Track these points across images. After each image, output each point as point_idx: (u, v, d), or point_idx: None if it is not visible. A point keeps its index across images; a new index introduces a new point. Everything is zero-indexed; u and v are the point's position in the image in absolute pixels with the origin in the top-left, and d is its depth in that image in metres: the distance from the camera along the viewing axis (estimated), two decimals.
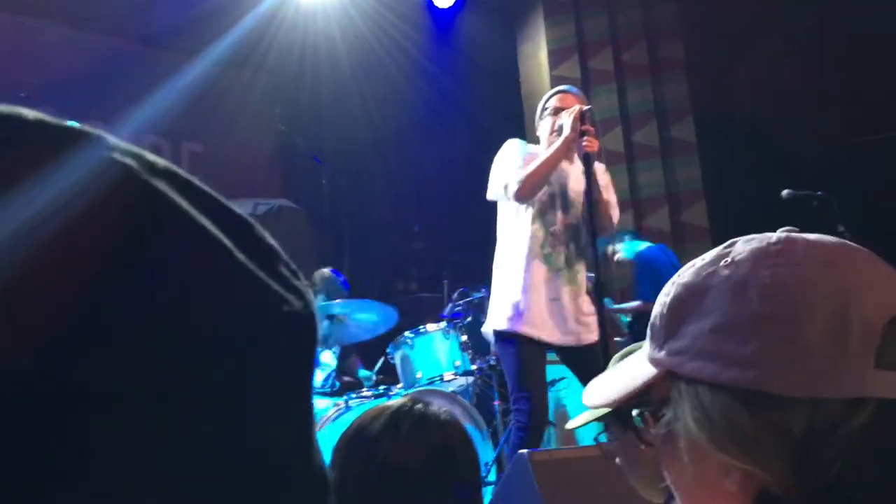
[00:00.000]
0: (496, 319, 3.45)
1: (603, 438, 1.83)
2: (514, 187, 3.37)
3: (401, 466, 1.40)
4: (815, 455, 0.63)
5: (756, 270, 0.68)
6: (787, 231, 0.74)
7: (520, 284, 3.41)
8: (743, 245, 0.72)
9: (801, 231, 0.74)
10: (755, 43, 6.11)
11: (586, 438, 3.86)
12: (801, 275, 0.67)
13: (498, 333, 3.45)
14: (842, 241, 0.72)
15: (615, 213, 3.50)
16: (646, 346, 0.77)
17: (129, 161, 0.35)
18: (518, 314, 3.37)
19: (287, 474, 0.36)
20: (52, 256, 0.30)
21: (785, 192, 5.07)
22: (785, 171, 5.24)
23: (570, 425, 2.11)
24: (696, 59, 6.32)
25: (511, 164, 3.46)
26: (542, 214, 3.47)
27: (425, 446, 1.43)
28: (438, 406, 1.57)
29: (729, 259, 0.71)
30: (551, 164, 3.38)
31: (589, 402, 0.84)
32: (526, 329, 3.35)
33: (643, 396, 0.76)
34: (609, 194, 3.49)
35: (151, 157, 0.37)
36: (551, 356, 3.54)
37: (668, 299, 0.73)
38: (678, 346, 0.70)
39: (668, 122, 6.29)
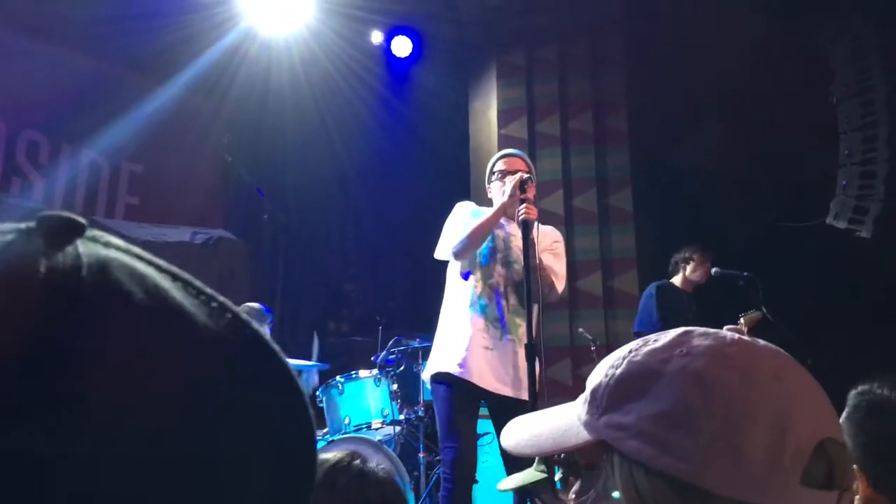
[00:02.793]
0: (434, 364, 3.52)
1: None
2: (455, 250, 3.52)
3: None
4: None
5: (710, 368, 0.70)
6: (738, 332, 0.77)
7: (458, 333, 3.49)
8: (699, 339, 0.74)
9: (741, 321, 0.79)
10: (696, 121, 6.34)
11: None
12: (753, 382, 0.69)
13: (434, 376, 3.50)
14: (788, 356, 0.74)
15: (559, 283, 3.57)
16: (578, 407, 0.78)
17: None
18: (454, 360, 3.44)
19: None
20: None
21: (714, 270, 5.26)
22: (717, 247, 5.41)
23: (501, 486, 2.12)
24: (639, 132, 6.50)
25: (457, 224, 3.61)
26: (483, 268, 3.58)
27: (360, 501, 1.42)
28: (376, 462, 1.56)
29: (684, 350, 0.72)
30: (485, 229, 3.54)
31: (510, 444, 0.84)
32: (462, 373, 3.40)
33: (569, 456, 0.78)
34: (557, 263, 3.59)
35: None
36: (483, 411, 3.56)
37: (616, 372, 0.74)
38: (621, 421, 0.72)
39: (608, 190, 6.43)
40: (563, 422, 0.78)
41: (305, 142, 6.91)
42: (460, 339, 3.46)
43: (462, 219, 3.62)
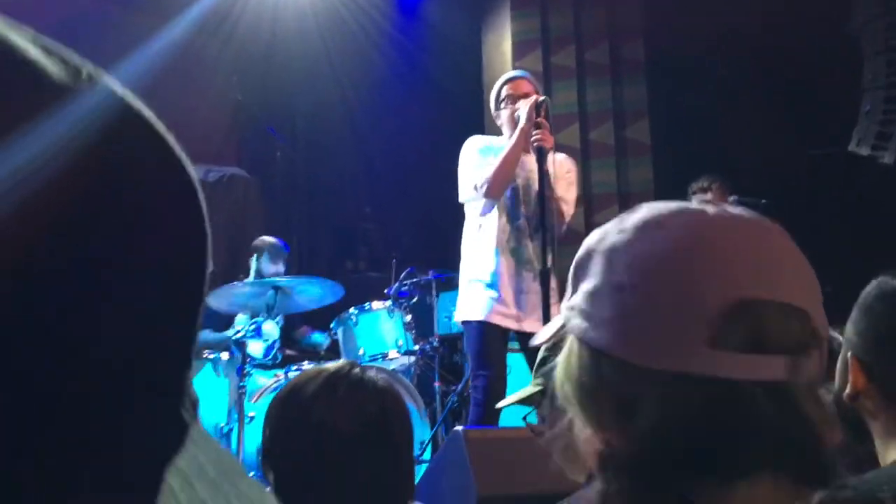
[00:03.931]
0: (465, 311, 3.51)
1: (532, 419, 1.85)
2: (483, 187, 3.40)
3: (334, 429, 1.38)
4: (638, 419, 0.67)
5: (633, 241, 0.71)
6: (702, 201, 0.77)
7: (487, 279, 3.46)
8: (640, 212, 0.75)
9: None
10: (715, 51, 6.19)
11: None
12: (672, 249, 0.70)
13: (466, 323, 3.51)
14: (737, 216, 0.73)
15: (567, 210, 3.51)
16: None
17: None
18: (485, 306, 3.44)
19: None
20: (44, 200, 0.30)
21: (731, 198, 5.17)
22: (735, 177, 5.33)
23: (499, 405, 2.14)
24: (657, 63, 6.37)
25: (474, 163, 3.51)
26: (507, 209, 3.51)
27: (360, 411, 1.42)
28: (376, 372, 1.56)
29: (622, 225, 0.74)
30: (513, 159, 3.41)
31: (534, 341, 0.89)
32: (494, 318, 3.42)
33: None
34: (569, 192, 3.53)
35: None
36: (513, 345, 3.62)
37: (575, 257, 0.78)
38: (570, 302, 0.75)
39: (625, 123, 6.33)
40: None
41: (314, 82, 6.84)
42: (490, 286, 3.45)
43: (475, 157, 3.53)
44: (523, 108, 3.40)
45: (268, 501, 0.37)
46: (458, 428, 2.58)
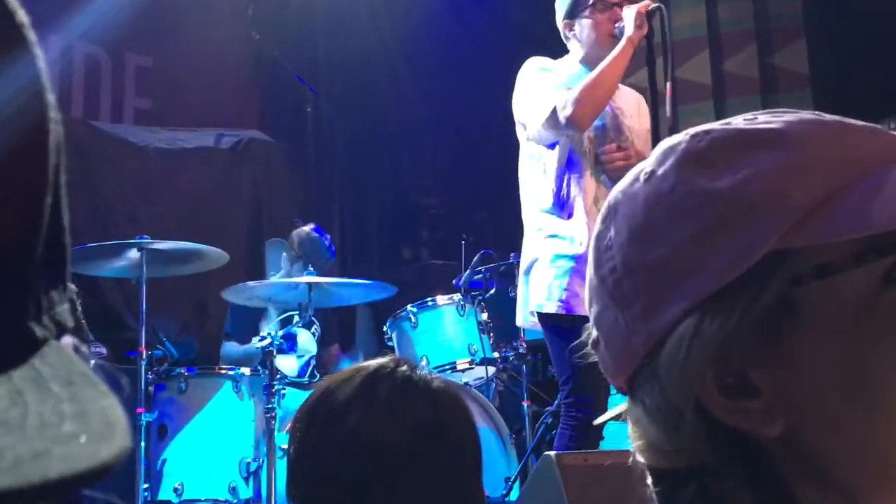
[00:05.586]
0: (539, 298, 3.42)
1: None
2: (567, 110, 3.27)
3: (375, 441, 1.40)
4: None
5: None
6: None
7: (569, 251, 3.39)
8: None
9: None
10: None
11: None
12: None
13: (544, 317, 3.43)
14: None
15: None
16: None
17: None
18: (570, 290, 3.35)
19: None
20: None
21: None
22: None
23: (598, 420, 2.15)
24: None
25: (547, 83, 3.43)
26: (593, 157, 3.45)
27: (409, 418, 1.43)
28: (430, 371, 1.64)
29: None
30: (615, 75, 3.33)
31: None
32: (577, 307, 3.30)
33: None
34: (646, 145, 3.48)
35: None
36: None
37: None
38: None
39: (773, 46, 6.30)
40: None
41: (357, 6, 6.87)
42: (575, 259, 3.35)
43: (544, 77, 3.45)
44: (628, 14, 3.32)
45: (111, 404, 0.42)
46: (550, 453, 2.61)
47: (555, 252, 3.43)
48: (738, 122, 0.77)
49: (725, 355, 0.70)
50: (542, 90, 3.42)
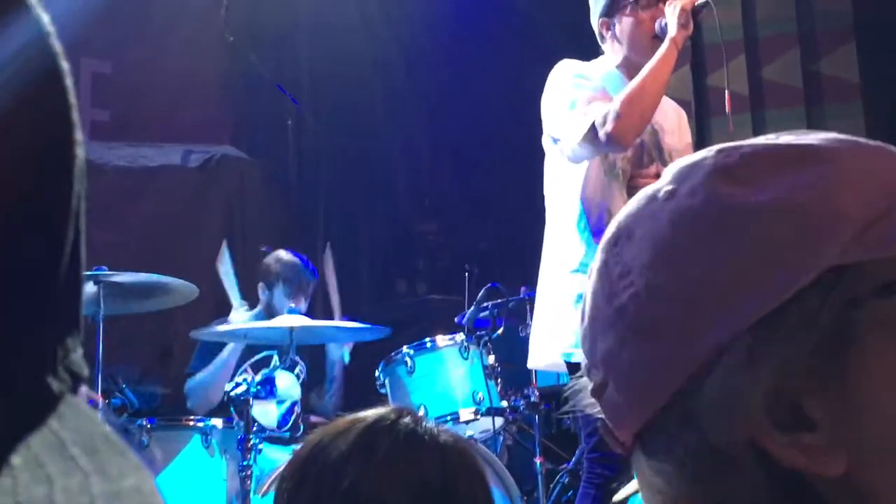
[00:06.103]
0: (566, 345, 3.39)
1: None
2: (608, 126, 3.24)
3: (375, 502, 1.43)
4: None
5: None
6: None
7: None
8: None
9: None
10: None
11: None
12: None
13: (575, 367, 3.38)
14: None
15: None
16: None
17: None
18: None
19: None
20: None
21: None
22: None
23: (617, 497, 2.13)
24: None
25: (584, 94, 3.39)
26: (627, 176, 3.45)
27: (414, 476, 1.47)
28: (436, 423, 1.62)
29: None
30: (659, 82, 3.32)
31: None
32: None
33: None
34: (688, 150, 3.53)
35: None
36: None
37: None
38: None
39: (819, 52, 6.31)
40: None
41: (345, 7, 6.87)
42: None
43: (583, 83, 3.42)
44: (670, 12, 3.31)
45: (142, 480, 0.43)
46: None
47: (582, 290, 3.31)
48: (763, 140, 0.80)
49: (780, 385, 0.72)
50: (579, 102, 3.39)
